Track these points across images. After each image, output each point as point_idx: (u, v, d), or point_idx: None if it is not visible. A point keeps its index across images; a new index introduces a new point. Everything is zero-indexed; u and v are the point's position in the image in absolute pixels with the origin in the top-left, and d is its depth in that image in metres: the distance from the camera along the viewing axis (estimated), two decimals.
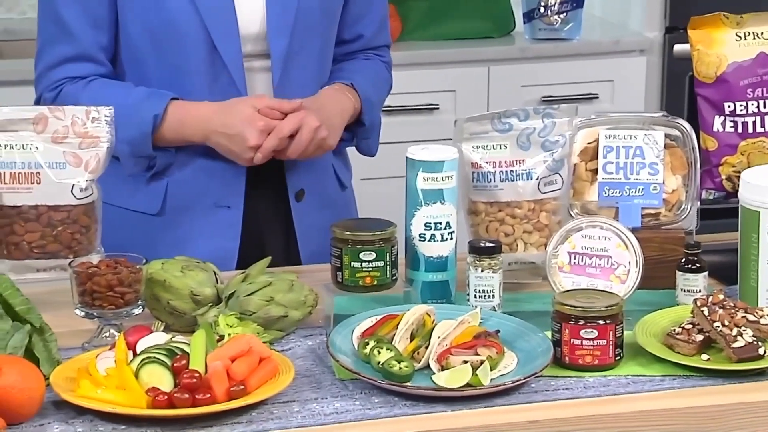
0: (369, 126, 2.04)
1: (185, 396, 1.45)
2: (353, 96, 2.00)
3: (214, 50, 1.90)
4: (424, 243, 1.75)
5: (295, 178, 1.99)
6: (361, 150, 2.09)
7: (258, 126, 1.85)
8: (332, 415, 1.49)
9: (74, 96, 1.89)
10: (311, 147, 1.89)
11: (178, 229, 1.95)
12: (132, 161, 1.91)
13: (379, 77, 2.09)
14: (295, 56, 1.95)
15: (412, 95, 3.23)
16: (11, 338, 1.52)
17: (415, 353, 1.60)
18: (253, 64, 1.94)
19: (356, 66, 2.06)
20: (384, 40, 2.12)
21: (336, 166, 2.07)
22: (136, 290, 1.65)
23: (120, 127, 1.81)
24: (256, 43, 1.94)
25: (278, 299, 1.69)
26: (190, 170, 1.95)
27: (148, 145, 1.89)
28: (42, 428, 1.44)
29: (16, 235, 1.74)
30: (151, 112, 1.87)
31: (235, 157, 1.89)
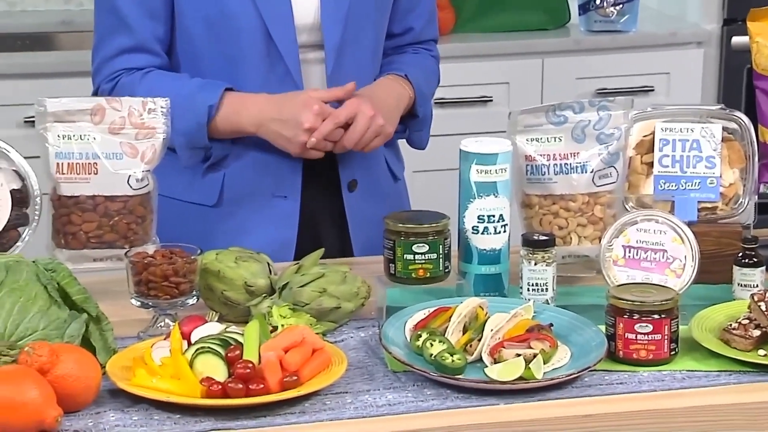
0: (422, 118, 2.04)
1: (239, 386, 1.46)
2: (408, 86, 2.00)
3: (269, 40, 1.91)
4: (477, 235, 1.75)
5: (348, 168, 2.00)
6: (412, 143, 2.09)
7: (313, 109, 1.86)
8: (384, 407, 1.50)
9: (131, 87, 1.91)
10: (368, 135, 1.89)
11: (236, 220, 1.96)
12: (187, 153, 1.93)
13: (429, 70, 2.09)
14: (348, 47, 1.95)
15: (466, 87, 3.22)
16: (68, 327, 1.54)
17: (467, 346, 1.59)
18: (308, 55, 1.95)
19: (407, 59, 2.07)
20: (432, 34, 2.12)
21: (388, 157, 2.07)
22: (191, 280, 1.67)
23: (175, 119, 1.83)
24: (310, 34, 1.94)
25: (331, 291, 1.69)
26: (247, 163, 1.96)
27: (203, 136, 1.90)
28: (98, 416, 1.45)
29: (74, 225, 1.76)
30: (206, 102, 1.89)
31: (288, 143, 1.88)
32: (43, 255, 1.65)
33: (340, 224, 2.02)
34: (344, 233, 2.02)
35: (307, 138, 1.86)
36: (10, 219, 1.73)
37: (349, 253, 2.01)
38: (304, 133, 1.86)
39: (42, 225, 1.77)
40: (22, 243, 1.75)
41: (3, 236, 1.73)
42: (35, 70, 2.98)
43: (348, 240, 2.02)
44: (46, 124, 1.76)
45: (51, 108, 1.75)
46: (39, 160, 1.77)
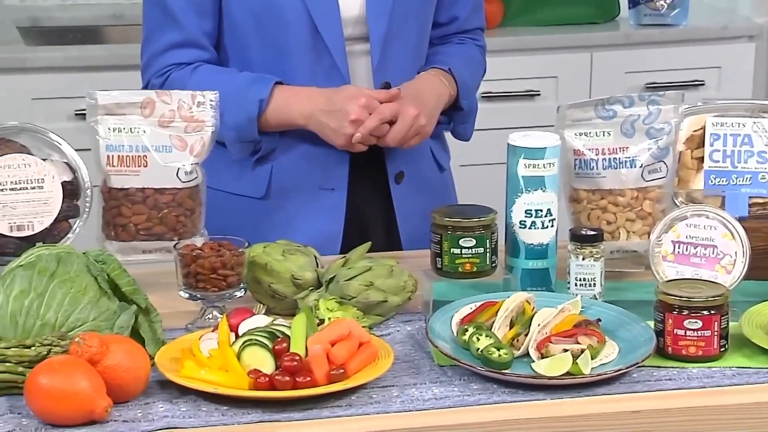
0: (466, 110, 2.04)
1: (286, 378, 1.47)
2: (449, 81, 2.00)
3: (316, 33, 1.91)
4: (525, 230, 1.74)
5: (394, 161, 2.00)
6: (457, 134, 2.08)
7: (360, 102, 1.86)
8: (431, 401, 1.49)
9: (181, 82, 1.92)
10: (410, 134, 1.89)
11: (283, 212, 1.97)
12: (237, 146, 1.94)
13: (474, 61, 2.08)
14: (393, 39, 1.95)
15: (514, 81, 3.21)
16: (118, 318, 1.55)
17: (514, 341, 1.59)
18: (354, 48, 1.95)
19: (452, 50, 2.06)
20: (478, 23, 2.11)
21: (434, 148, 2.07)
22: (239, 273, 1.68)
23: (225, 113, 1.84)
24: (356, 26, 1.94)
25: (378, 284, 1.70)
26: (294, 154, 1.96)
27: (253, 130, 1.91)
28: (147, 407, 1.46)
29: (123, 217, 1.78)
30: (257, 96, 1.90)
31: (333, 135, 1.88)
32: (93, 247, 1.67)
33: (387, 216, 2.02)
34: (391, 225, 2.02)
35: (352, 130, 1.86)
36: (61, 211, 1.75)
37: (396, 244, 2.02)
38: (350, 125, 1.86)
39: (92, 217, 1.78)
40: (72, 235, 1.76)
41: (54, 228, 1.75)
42: (86, 63, 3.01)
43: (395, 231, 2.02)
44: (97, 117, 1.77)
45: (102, 101, 1.77)
46: (90, 152, 1.78)
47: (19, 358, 1.47)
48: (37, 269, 1.53)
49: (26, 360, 1.47)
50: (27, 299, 1.52)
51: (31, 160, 1.73)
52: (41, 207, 1.73)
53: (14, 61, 2.99)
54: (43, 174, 1.73)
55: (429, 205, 1.77)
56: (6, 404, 1.46)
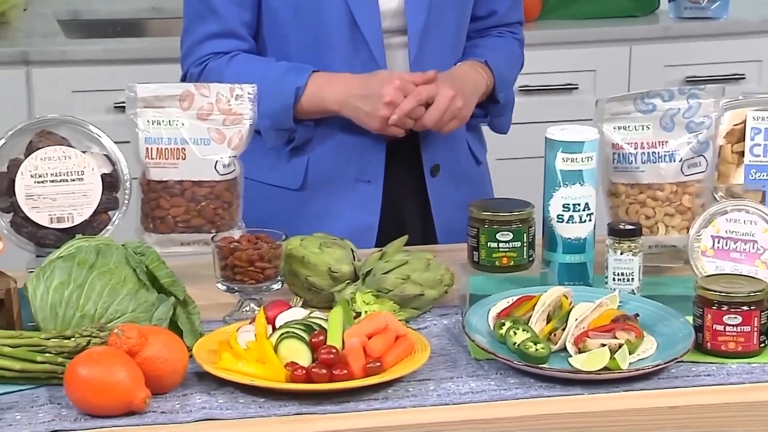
0: (503, 103, 2.03)
1: (323, 371, 1.47)
2: (486, 73, 1.99)
3: (354, 25, 1.91)
4: (562, 224, 1.74)
5: (430, 153, 2.00)
6: (494, 127, 2.08)
7: (394, 83, 1.86)
8: (468, 395, 1.49)
9: (218, 71, 1.93)
10: (447, 116, 1.88)
11: (319, 204, 1.97)
12: (273, 134, 1.94)
13: (512, 54, 2.08)
14: (431, 31, 1.95)
15: (552, 75, 3.20)
16: (156, 310, 1.56)
17: (551, 335, 1.58)
18: (392, 40, 1.95)
19: (490, 43, 2.06)
20: (517, 17, 2.10)
21: (470, 141, 2.07)
22: (276, 266, 1.68)
23: (262, 101, 1.84)
24: (394, 19, 1.94)
25: (414, 278, 1.69)
26: (331, 146, 1.97)
27: (289, 118, 1.92)
28: (185, 398, 1.47)
29: (162, 210, 1.79)
30: (294, 84, 1.90)
31: (368, 118, 1.88)
32: (132, 239, 1.68)
33: (423, 209, 2.02)
34: (427, 218, 2.02)
35: (387, 112, 1.86)
36: (100, 203, 1.76)
37: (431, 237, 2.01)
38: (384, 107, 1.86)
39: (131, 209, 1.80)
40: (111, 226, 1.78)
41: (94, 219, 1.76)
42: (126, 56, 3.03)
43: (431, 224, 2.02)
44: (136, 110, 1.78)
45: (141, 93, 1.78)
46: (129, 145, 1.80)
47: (59, 349, 1.48)
48: (76, 261, 1.55)
49: (66, 351, 1.48)
50: (67, 290, 1.53)
51: (72, 153, 1.75)
52: (81, 199, 1.74)
53: (55, 53, 3.01)
54: (83, 166, 1.74)
55: (465, 198, 1.77)
56: (46, 394, 1.47)
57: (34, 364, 1.47)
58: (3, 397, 1.46)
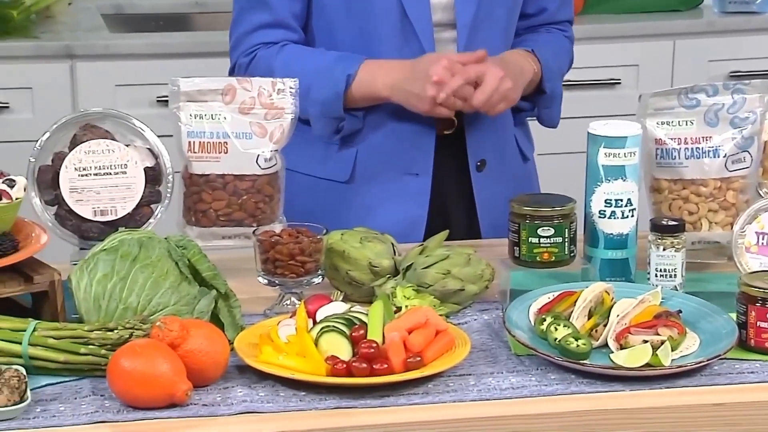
0: (550, 94, 2.02)
1: (363, 365, 1.47)
2: (533, 61, 1.99)
3: (405, 18, 1.91)
4: (604, 220, 1.73)
5: (477, 147, 1.99)
6: (542, 120, 2.07)
7: (443, 63, 1.85)
8: (508, 390, 1.49)
9: (268, 60, 1.93)
10: (496, 96, 1.87)
11: (367, 197, 1.97)
12: (321, 122, 1.94)
13: (560, 49, 2.07)
14: (480, 26, 1.94)
15: (594, 69, 3.18)
16: (198, 303, 1.57)
17: (593, 331, 1.58)
18: (442, 34, 1.95)
19: (538, 37, 2.05)
20: (567, 15, 2.09)
21: (518, 136, 2.06)
22: (317, 260, 1.68)
23: (312, 88, 1.84)
24: (444, 12, 1.94)
25: (455, 273, 1.69)
26: (379, 138, 1.96)
27: (339, 105, 1.91)
28: (226, 391, 1.48)
29: (204, 203, 1.80)
30: (345, 72, 1.90)
31: (417, 100, 1.86)
32: (174, 232, 1.69)
33: (469, 204, 2.01)
34: (472, 213, 2.02)
35: (435, 91, 1.85)
36: (143, 196, 1.77)
37: (476, 232, 2.01)
38: (432, 87, 1.85)
39: (174, 202, 1.81)
40: (154, 220, 1.79)
41: (137, 213, 1.77)
42: (169, 50, 3.05)
43: (476, 219, 2.01)
44: (179, 104, 1.79)
45: (184, 87, 1.79)
46: (171, 138, 1.81)
47: (102, 341, 1.49)
48: (119, 254, 1.56)
49: (109, 343, 1.49)
50: (110, 283, 1.54)
51: (115, 146, 1.76)
52: (124, 192, 1.76)
53: (98, 47, 3.03)
54: (126, 159, 1.76)
55: (510, 194, 1.76)
56: (89, 386, 1.48)
57: (77, 355, 1.49)
58: (47, 389, 1.48)
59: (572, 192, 1.77)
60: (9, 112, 3.00)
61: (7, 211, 1.60)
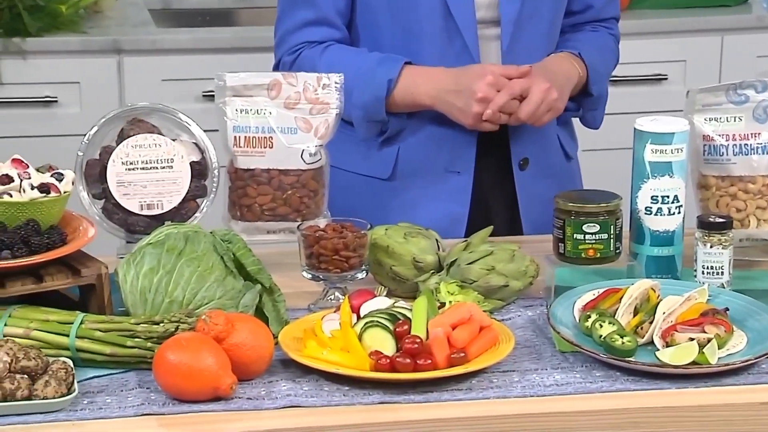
0: (596, 96, 2.01)
1: (407, 361, 1.47)
2: (579, 65, 1.97)
3: (448, 15, 1.91)
4: (650, 216, 1.71)
5: (520, 146, 1.98)
6: (586, 122, 2.06)
7: (487, 79, 1.85)
8: (552, 387, 1.48)
9: (311, 61, 1.94)
10: (542, 108, 1.87)
11: (408, 194, 1.97)
12: (365, 126, 1.94)
13: (606, 49, 2.05)
14: (524, 23, 1.93)
15: (640, 65, 3.15)
16: (243, 297, 1.58)
17: (638, 328, 1.57)
18: (485, 31, 1.94)
19: (583, 36, 2.03)
20: (613, 12, 2.08)
21: (561, 136, 2.05)
22: (361, 255, 1.69)
23: (354, 93, 1.85)
24: (488, 9, 1.93)
25: (499, 269, 1.69)
26: (421, 137, 1.96)
27: (381, 109, 1.92)
28: (270, 385, 1.49)
29: (249, 198, 1.80)
30: (386, 76, 1.90)
31: (461, 114, 1.87)
32: (219, 226, 1.70)
33: (511, 202, 2.01)
34: (514, 211, 2.01)
35: (479, 108, 1.85)
36: (189, 190, 1.78)
37: (518, 230, 2.00)
38: (477, 104, 1.85)
39: (219, 197, 1.81)
40: (200, 214, 1.80)
41: (182, 207, 1.78)
42: (215, 45, 3.06)
43: (518, 218, 2.01)
44: (225, 99, 1.80)
45: (230, 82, 1.79)
46: (217, 133, 1.81)
47: (148, 334, 1.51)
48: (165, 247, 1.57)
49: (155, 336, 1.50)
50: (156, 276, 1.55)
51: (162, 141, 1.77)
52: (170, 186, 1.77)
53: (145, 42, 3.05)
54: (172, 154, 1.77)
55: (553, 193, 1.75)
56: (135, 378, 1.50)
57: (123, 348, 1.50)
58: (94, 381, 1.49)
59: (617, 188, 1.76)
60: (57, 107, 3.03)
61: (55, 204, 1.62)
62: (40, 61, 3.01)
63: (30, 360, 1.43)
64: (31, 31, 2.99)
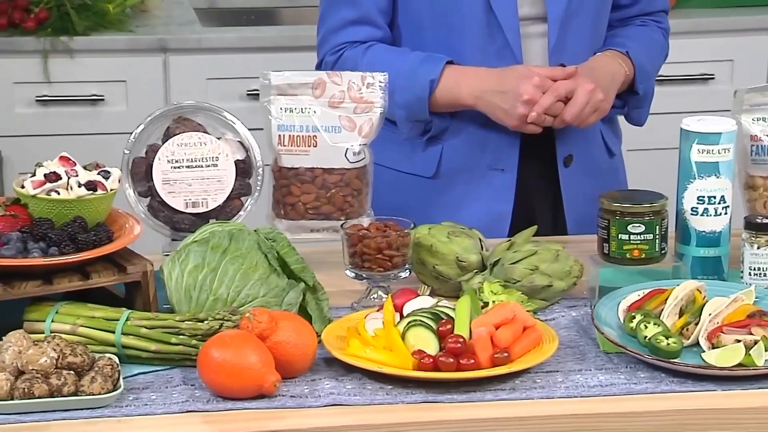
0: (642, 95, 1.99)
1: (450, 360, 1.47)
2: (626, 63, 1.96)
3: (490, 11, 1.90)
4: (696, 217, 1.70)
5: (564, 143, 1.98)
6: (631, 119, 2.04)
7: (533, 81, 1.84)
8: (596, 388, 1.48)
9: (354, 60, 1.94)
10: (587, 109, 1.86)
11: (452, 192, 1.97)
12: (408, 126, 1.94)
13: (654, 44, 2.03)
14: (571, 19, 1.92)
15: (687, 65, 3.13)
16: (287, 295, 1.58)
17: (683, 329, 1.55)
18: (529, 29, 1.93)
19: (631, 32, 2.02)
20: (661, 5, 2.06)
21: (604, 132, 2.04)
22: (404, 254, 1.69)
23: (397, 93, 1.85)
24: (533, 6, 1.92)
25: (543, 269, 1.68)
26: (465, 136, 1.96)
27: (424, 109, 1.92)
28: (314, 383, 1.49)
29: (293, 196, 1.81)
30: (428, 77, 1.90)
31: (505, 116, 1.87)
32: (263, 224, 1.71)
33: (555, 199, 2.00)
34: (558, 208, 2.00)
35: (524, 110, 1.84)
36: (234, 188, 1.79)
37: (562, 228, 1.99)
38: (522, 105, 1.84)
39: (263, 195, 1.82)
40: (244, 212, 1.80)
41: (227, 205, 1.79)
42: (260, 44, 3.07)
43: (562, 215, 2.00)
44: (270, 97, 1.80)
45: (275, 81, 1.80)
46: (261, 132, 1.82)
47: (192, 332, 1.51)
48: (210, 245, 1.58)
49: (199, 333, 1.51)
50: (201, 274, 1.56)
51: (207, 139, 1.78)
52: (215, 185, 1.78)
53: (191, 41, 3.07)
54: (217, 152, 1.78)
55: (597, 190, 1.74)
56: (180, 375, 1.51)
57: (168, 345, 1.51)
58: (139, 377, 1.50)
59: (663, 188, 1.75)
60: (104, 105, 3.06)
61: (101, 202, 1.63)
62: (88, 60, 3.04)
63: (77, 356, 1.44)
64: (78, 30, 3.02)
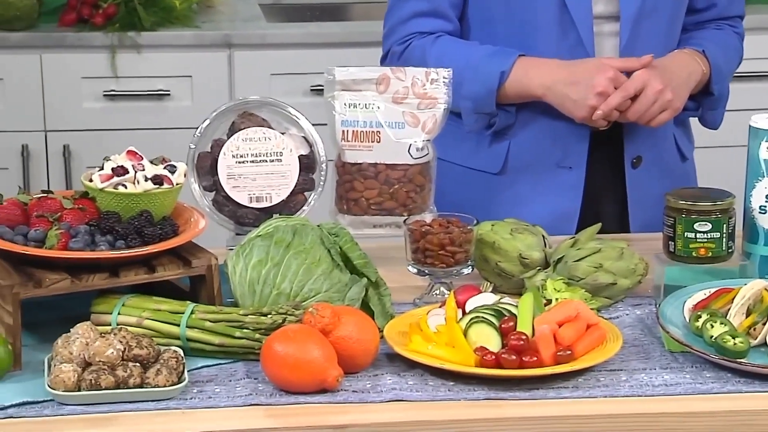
0: (717, 96, 1.97)
1: (512, 357, 1.47)
2: (702, 62, 1.93)
3: (563, 8, 1.89)
4: (765, 215, 1.68)
5: (634, 144, 1.96)
6: (705, 122, 2.02)
7: (609, 74, 1.83)
8: (661, 387, 1.46)
9: (422, 50, 1.93)
10: (654, 108, 1.84)
11: (518, 189, 1.96)
12: (473, 117, 1.94)
13: (729, 47, 2.01)
14: (645, 19, 1.90)
15: (756, 61, 3.08)
16: (349, 290, 1.59)
17: (751, 329, 1.53)
18: (602, 27, 1.92)
19: (707, 34, 2.00)
20: (737, 11, 2.04)
21: (677, 135, 2.01)
22: (467, 250, 1.68)
23: (464, 84, 1.84)
24: (607, 4, 1.91)
25: (607, 266, 1.67)
26: (533, 131, 1.95)
27: (491, 101, 1.91)
28: (376, 378, 1.49)
29: (356, 192, 1.81)
30: (499, 68, 1.89)
31: (575, 107, 1.85)
32: (327, 219, 1.71)
33: (621, 200, 1.98)
34: (624, 209, 1.98)
35: (596, 102, 1.83)
36: (297, 183, 1.80)
37: (627, 229, 1.98)
38: (595, 97, 1.83)
39: (326, 190, 1.83)
40: (308, 207, 1.81)
41: (291, 200, 1.80)
42: (324, 39, 3.09)
43: (627, 216, 1.98)
44: (334, 93, 1.81)
45: (339, 77, 1.81)
46: (325, 127, 1.83)
47: (256, 326, 1.52)
48: (274, 240, 1.59)
49: (263, 327, 1.52)
50: (264, 268, 1.57)
51: (271, 134, 1.79)
52: (279, 179, 1.79)
53: (255, 37, 3.09)
54: (281, 147, 1.79)
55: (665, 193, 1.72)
56: (243, 369, 1.52)
57: (232, 339, 1.52)
58: (203, 370, 1.51)
59: (731, 186, 1.73)
60: (170, 100, 3.09)
61: (167, 196, 1.65)
62: (154, 55, 3.07)
63: (142, 348, 1.46)
64: (145, 26, 3.06)
